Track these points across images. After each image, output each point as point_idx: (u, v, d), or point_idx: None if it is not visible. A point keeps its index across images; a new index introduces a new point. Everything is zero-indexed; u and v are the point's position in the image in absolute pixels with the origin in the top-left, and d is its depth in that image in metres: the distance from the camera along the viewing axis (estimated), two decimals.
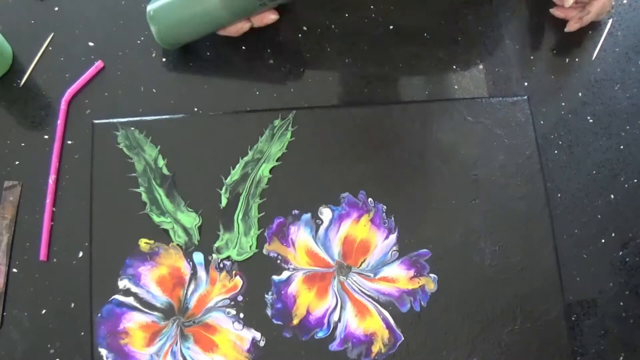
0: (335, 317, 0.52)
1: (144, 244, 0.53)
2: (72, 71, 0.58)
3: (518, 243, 0.54)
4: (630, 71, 0.60)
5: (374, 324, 0.52)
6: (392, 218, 0.54)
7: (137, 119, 0.56)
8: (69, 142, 0.56)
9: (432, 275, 0.53)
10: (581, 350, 0.53)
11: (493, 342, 0.52)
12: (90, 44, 0.59)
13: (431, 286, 0.53)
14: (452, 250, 0.54)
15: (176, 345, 0.51)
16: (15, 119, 0.56)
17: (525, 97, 0.58)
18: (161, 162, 0.55)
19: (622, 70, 0.60)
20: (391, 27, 0.61)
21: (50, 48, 0.59)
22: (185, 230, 0.53)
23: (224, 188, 0.54)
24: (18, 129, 0.56)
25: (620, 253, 0.55)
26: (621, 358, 0.53)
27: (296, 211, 0.54)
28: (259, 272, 0.53)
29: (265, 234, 0.54)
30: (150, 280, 0.52)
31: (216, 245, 0.53)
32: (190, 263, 0.53)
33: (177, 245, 0.53)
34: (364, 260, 0.53)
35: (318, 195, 0.54)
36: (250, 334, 0.51)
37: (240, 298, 0.52)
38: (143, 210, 0.54)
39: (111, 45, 0.59)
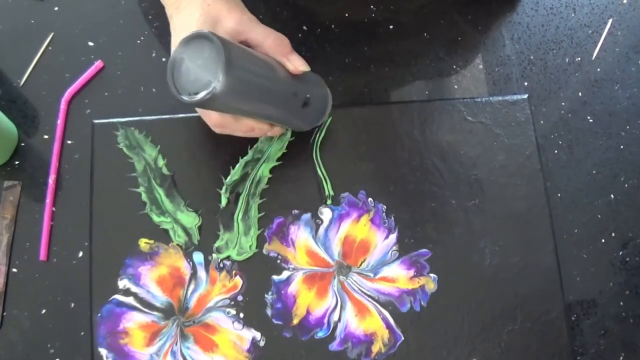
0: (335, 317, 0.52)
1: (144, 243, 0.53)
2: (72, 71, 0.58)
3: (518, 243, 0.54)
4: (630, 71, 0.60)
5: (374, 324, 0.52)
6: (392, 218, 0.54)
7: (137, 119, 0.56)
8: (69, 142, 0.56)
9: (432, 275, 0.53)
10: (581, 350, 0.53)
11: (493, 342, 0.52)
12: (90, 44, 0.59)
13: (431, 286, 0.53)
14: (452, 250, 0.54)
15: (176, 345, 0.51)
16: (15, 119, 0.56)
17: (525, 97, 0.58)
18: (161, 162, 0.55)
19: (622, 70, 0.60)
20: (391, 27, 0.61)
21: (50, 48, 0.59)
22: (185, 230, 0.53)
23: (224, 188, 0.54)
24: (18, 129, 0.56)
25: (620, 253, 0.55)
26: (621, 358, 0.53)
27: (296, 211, 0.54)
28: (259, 272, 0.53)
29: (265, 234, 0.54)
30: (150, 280, 0.52)
31: (216, 245, 0.53)
32: (190, 263, 0.53)
33: (177, 245, 0.53)
34: (364, 260, 0.53)
35: (318, 195, 0.54)
36: (250, 334, 0.51)
37: (240, 298, 0.52)
38: (143, 210, 0.54)
39: (111, 45, 0.59)
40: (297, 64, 0.46)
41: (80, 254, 0.53)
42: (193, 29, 0.43)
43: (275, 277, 0.53)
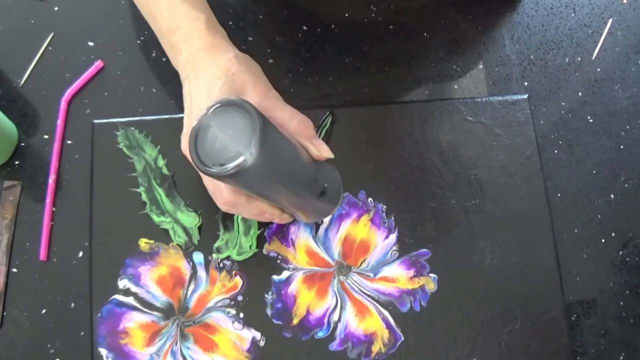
0: (335, 317, 0.52)
1: (144, 243, 0.53)
2: (72, 71, 0.58)
3: (518, 243, 0.54)
4: (630, 71, 0.60)
5: (374, 324, 0.52)
6: (392, 218, 0.54)
7: (137, 119, 0.56)
8: (69, 142, 0.56)
9: (432, 275, 0.53)
10: (581, 350, 0.53)
11: (493, 342, 0.52)
12: (90, 44, 0.59)
13: (431, 286, 0.53)
14: (452, 250, 0.54)
15: (176, 345, 0.51)
16: (15, 119, 0.56)
17: (525, 97, 0.58)
18: (161, 162, 0.55)
19: (622, 70, 0.60)
20: (391, 27, 0.61)
21: (50, 48, 0.59)
22: (185, 230, 0.53)
23: None
24: (18, 129, 0.56)
25: (620, 253, 0.55)
26: (621, 358, 0.53)
27: None
28: (259, 272, 0.53)
29: (265, 234, 0.54)
30: (150, 280, 0.52)
31: (216, 245, 0.53)
32: (190, 263, 0.53)
33: (177, 245, 0.53)
34: (364, 260, 0.53)
35: None
36: (250, 334, 0.51)
37: (240, 298, 0.52)
38: (143, 210, 0.54)
39: (111, 45, 0.59)
40: (322, 150, 0.44)
41: (80, 254, 0.53)
42: (215, 95, 0.41)
43: (275, 277, 0.53)
